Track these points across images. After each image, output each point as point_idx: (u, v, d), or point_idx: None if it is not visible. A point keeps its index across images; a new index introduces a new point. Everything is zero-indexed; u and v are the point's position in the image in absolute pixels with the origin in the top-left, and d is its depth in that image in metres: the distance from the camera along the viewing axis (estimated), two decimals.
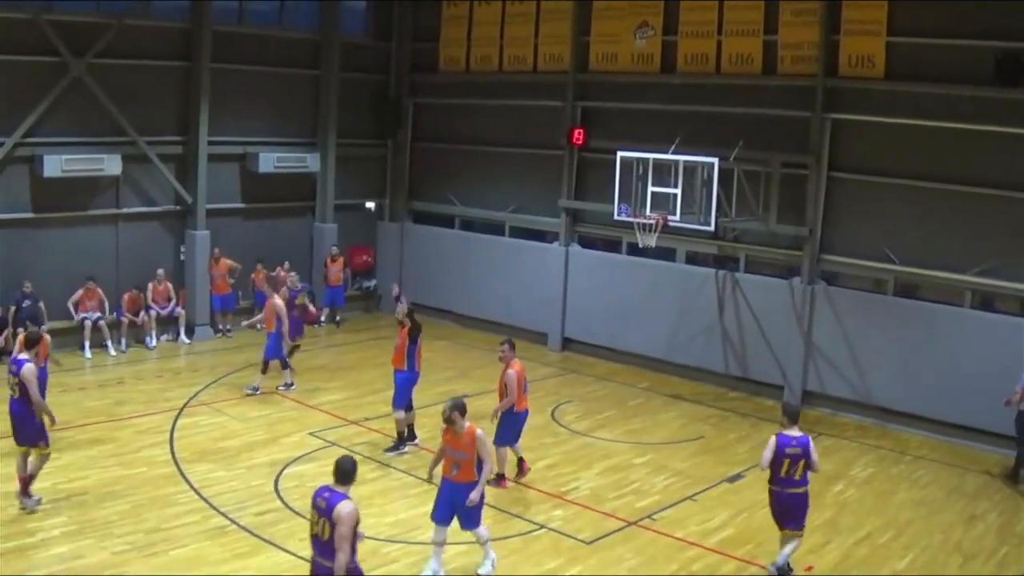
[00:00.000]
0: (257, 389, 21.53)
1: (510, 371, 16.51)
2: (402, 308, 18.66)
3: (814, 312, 22.25)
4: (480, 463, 13.07)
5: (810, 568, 14.21)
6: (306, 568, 13.24)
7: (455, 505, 13.11)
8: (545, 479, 17.31)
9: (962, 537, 15.56)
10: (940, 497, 17.33)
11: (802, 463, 13.32)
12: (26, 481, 14.82)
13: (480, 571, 13.53)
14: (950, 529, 15.85)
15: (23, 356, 15.02)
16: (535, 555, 14.31)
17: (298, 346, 23.23)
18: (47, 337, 16.76)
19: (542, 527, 15.27)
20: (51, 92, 23.40)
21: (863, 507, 16.68)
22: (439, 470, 13.42)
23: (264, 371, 21.63)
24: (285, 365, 22.07)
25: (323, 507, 10.05)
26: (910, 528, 15.81)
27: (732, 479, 17.72)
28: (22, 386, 14.63)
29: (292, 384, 22.04)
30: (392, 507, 15.69)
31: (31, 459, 14.91)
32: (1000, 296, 20.10)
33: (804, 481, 13.45)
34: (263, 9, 27.95)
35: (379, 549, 14.12)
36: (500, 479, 16.68)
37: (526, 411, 16.90)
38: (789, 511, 13.53)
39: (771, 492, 13.66)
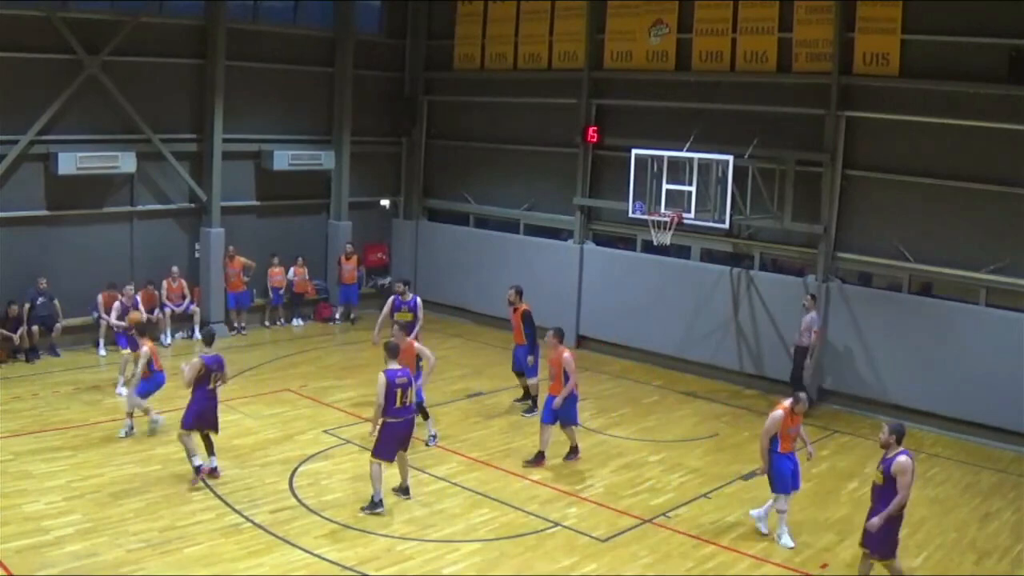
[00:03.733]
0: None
1: (566, 355, 17.59)
2: (511, 293, 21.30)
3: (829, 310, 22.20)
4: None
5: (825, 566, 14.22)
6: (320, 566, 13.43)
7: (795, 470, 15.06)
8: (560, 477, 17.34)
9: (976, 535, 15.54)
10: (954, 495, 17.30)
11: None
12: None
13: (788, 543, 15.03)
14: (964, 527, 15.82)
15: (411, 296, 21.01)
16: (550, 552, 14.33)
17: None
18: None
19: (557, 524, 15.29)
20: (66, 90, 23.48)
21: None
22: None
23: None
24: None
25: (884, 463, 12.60)
26: (924, 526, 15.77)
27: (747, 476, 17.71)
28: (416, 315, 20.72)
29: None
30: (406, 505, 15.71)
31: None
32: (1015, 294, 20.01)
33: None
34: (278, 7, 27.99)
35: (394, 547, 14.16)
36: (576, 452, 18.29)
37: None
38: None
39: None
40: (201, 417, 16.14)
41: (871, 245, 21.85)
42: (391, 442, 15.30)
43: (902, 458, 12.42)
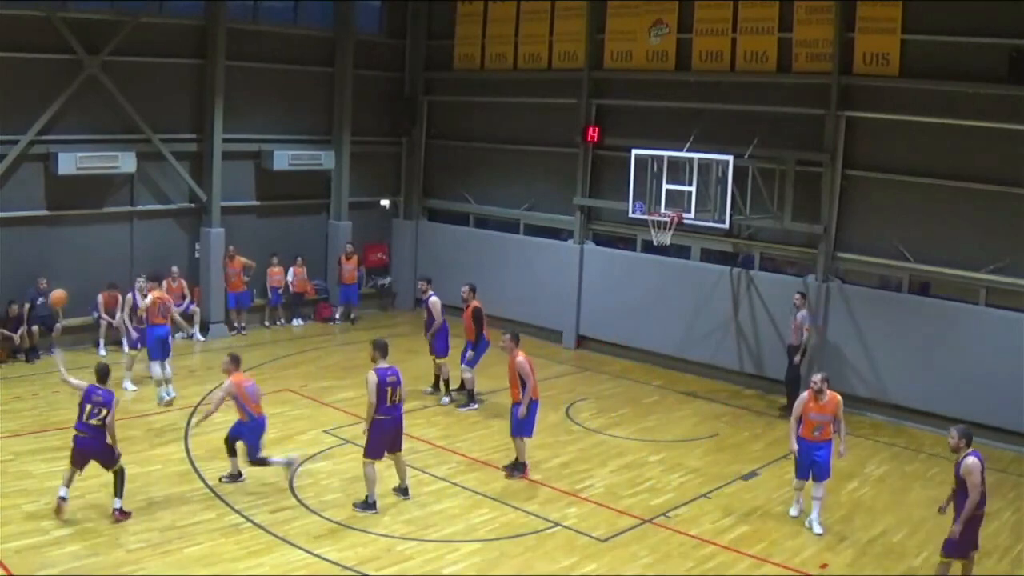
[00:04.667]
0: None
1: (519, 359, 16.96)
2: (464, 290, 21.37)
3: (828, 310, 22.21)
4: (837, 423, 15.39)
5: (825, 566, 14.21)
6: (320, 566, 13.42)
7: (815, 461, 15.26)
8: (560, 477, 17.33)
9: None
10: None
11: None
12: (447, 383, 21.53)
13: (816, 531, 15.43)
14: None
15: (429, 294, 21.51)
16: (550, 552, 14.33)
17: None
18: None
19: (557, 524, 15.29)
20: (66, 90, 23.47)
21: (877, 505, 16.67)
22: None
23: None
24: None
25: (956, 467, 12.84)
26: (925, 526, 15.74)
27: (747, 477, 17.74)
28: (429, 315, 21.31)
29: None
30: (405, 505, 15.72)
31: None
32: (1015, 294, 20.01)
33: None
34: (278, 7, 28.00)
35: (394, 547, 14.17)
36: (523, 469, 17.30)
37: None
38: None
39: None
40: (77, 454, 14.60)
41: (871, 245, 21.85)
42: (380, 440, 15.34)
43: (969, 460, 12.52)
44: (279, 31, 27.74)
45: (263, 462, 15.99)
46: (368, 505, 15.31)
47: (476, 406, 20.80)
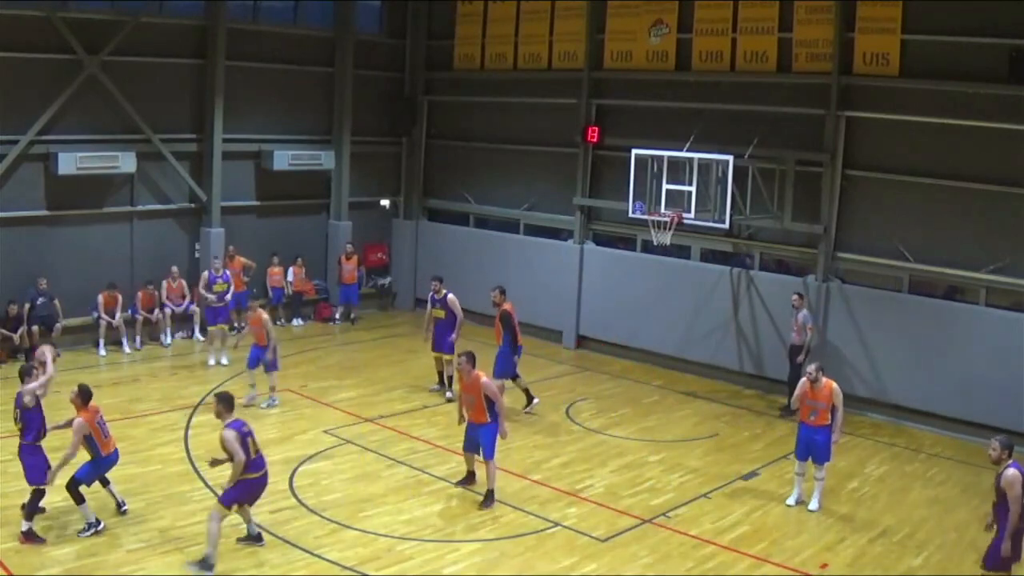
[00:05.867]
0: None
1: (484, 380, 15.87)
2: (495, 293, 21.09)
3: (829, 310, 22.20)
4: (834, 410, 16.04)
5: (825, 566, 14.19)
6: (320, 566, 13.41)
7: (810, 444, 16.06)
8: (560, 477, 17.32)
9: (976, 535, 15.43)
10: (954, 495, 17.29)
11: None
12: (451, 379, 21.10)
13: (811, 506, 16.25)
14: (964, 527, 15.78)
15: (445, 293, 21.41)
16: (550, 552, 14.32)
17: None
18: None
19: (557, 524, 15.27)
20: (66, 90, 23.47)
21: (877, 505, 16.65)
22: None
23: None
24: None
25: (996, 479, 12.48)
26: (925, 526, 15.77)
27: (747, 477, 17.71)
28: (449, 312, 21.20)
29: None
30: (406, 505, 15.70)
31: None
32: (1015, 294, 20.00)
33: None
34: (278, 6, 27.99)
35: (394, 547, 14.15)
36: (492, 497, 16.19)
37: None
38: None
39: None
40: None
41: (871, 245, 21.84)
42: (245, 496, 13.65)
43: (1009, 472, 12.27)
44: (279, 31, 27.73)
45: (79, 496, 14.01)
46: (206, 565, 12.96)
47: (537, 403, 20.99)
